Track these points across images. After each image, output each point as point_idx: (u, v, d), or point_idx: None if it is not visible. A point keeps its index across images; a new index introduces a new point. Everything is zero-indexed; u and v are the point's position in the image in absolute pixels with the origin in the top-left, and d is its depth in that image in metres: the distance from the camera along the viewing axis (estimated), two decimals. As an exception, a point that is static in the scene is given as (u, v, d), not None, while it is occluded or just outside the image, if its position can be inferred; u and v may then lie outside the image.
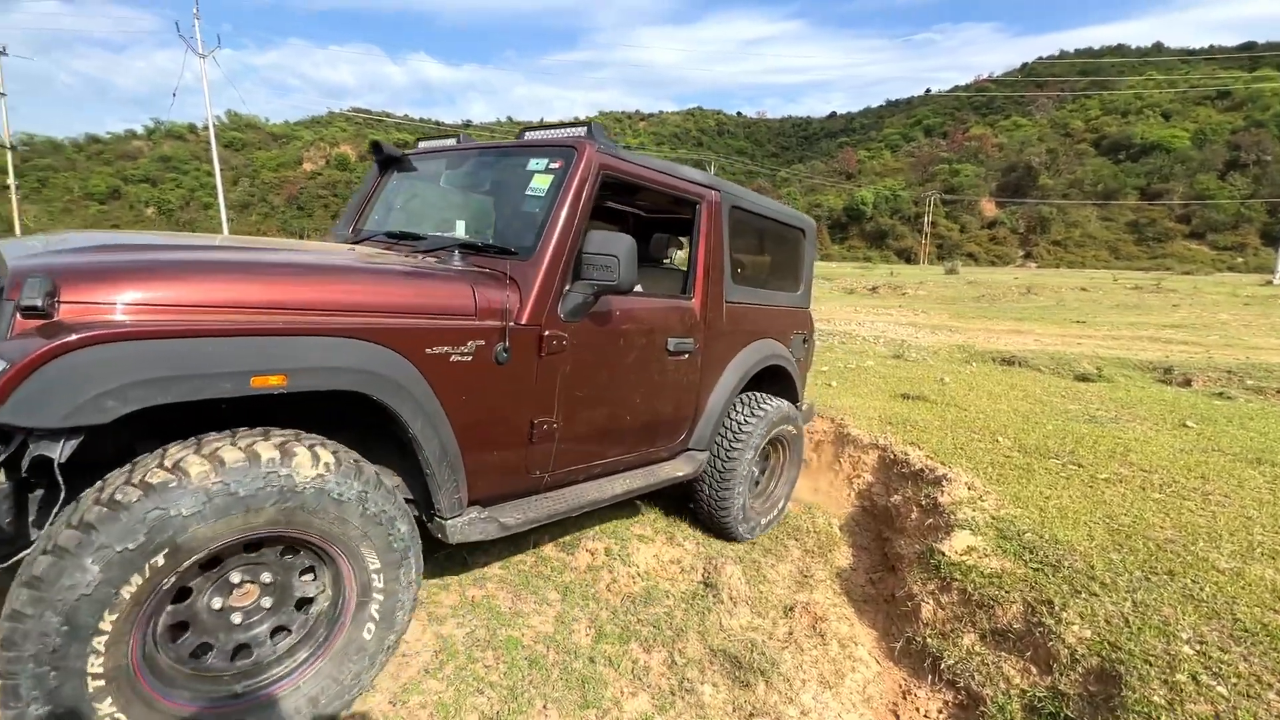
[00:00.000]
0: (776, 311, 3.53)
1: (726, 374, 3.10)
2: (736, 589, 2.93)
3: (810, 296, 3.96)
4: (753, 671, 2.37)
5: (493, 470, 2.13)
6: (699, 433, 3.02)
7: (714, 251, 2.92)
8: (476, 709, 1.90)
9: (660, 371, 2.67)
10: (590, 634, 2.41)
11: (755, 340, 3.31)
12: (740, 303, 3.15)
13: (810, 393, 5.87)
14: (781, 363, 3.50)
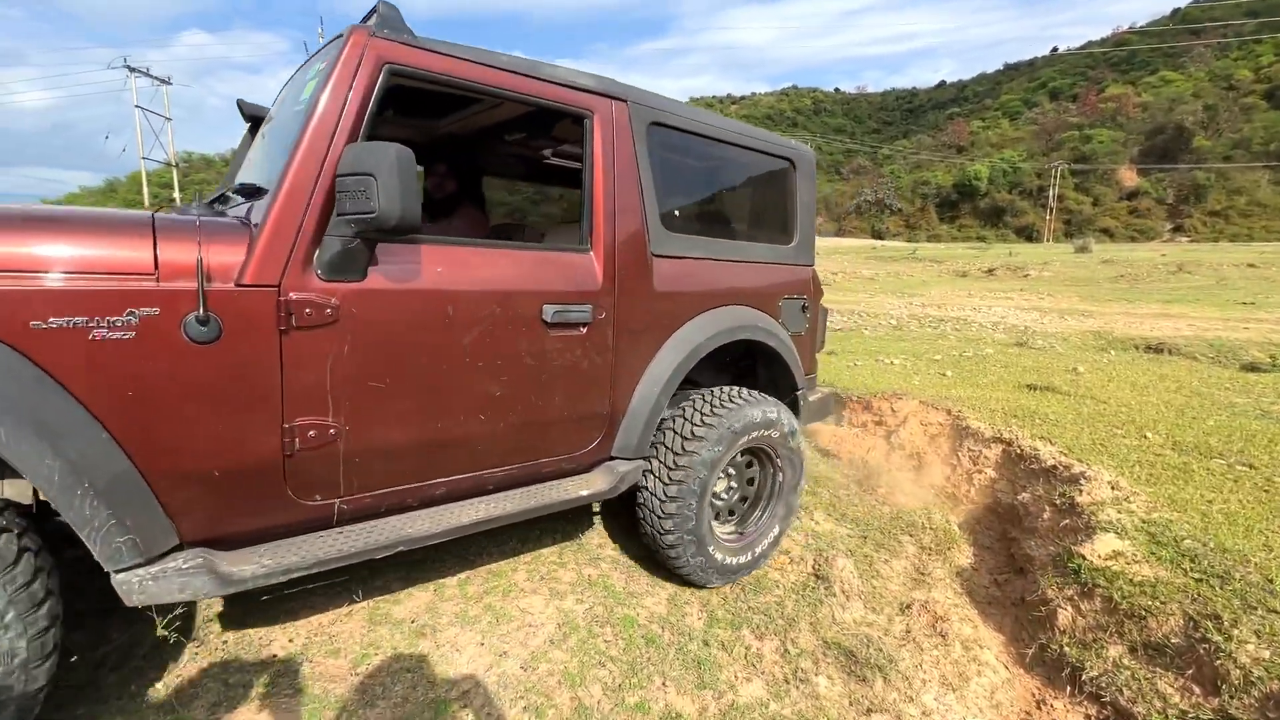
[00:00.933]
0: (753, 269, 2.73)
1: (664, 355, 2.33)
2: (849, 583, 2.86)
3: (812, 251, 3.08)
4: (869, 667, 2.32)
5: (221, 496, 1.52)
6: (624, 436, 2.29)
7: (622, 185, 2.18)
8: (599, 680, 2.00)
9: (535, 352, 1.97)
10: (703, 618, 2.46)
11: (715, 308, 2.53)
12: (684, 257, 2.41)
13: (924, 383, 5.57)
14: (761, 338, 2.67)
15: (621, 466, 2.31)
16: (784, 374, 2.91)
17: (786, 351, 2.82)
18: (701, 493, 2.37)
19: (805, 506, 3.55)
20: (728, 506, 2.72)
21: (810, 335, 3.15)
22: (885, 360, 6.81)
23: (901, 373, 6.18)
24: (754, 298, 2.72)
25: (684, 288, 2.42)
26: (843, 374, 6.11)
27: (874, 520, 3.58)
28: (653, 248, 2.29)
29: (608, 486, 2.22)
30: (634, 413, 2.30)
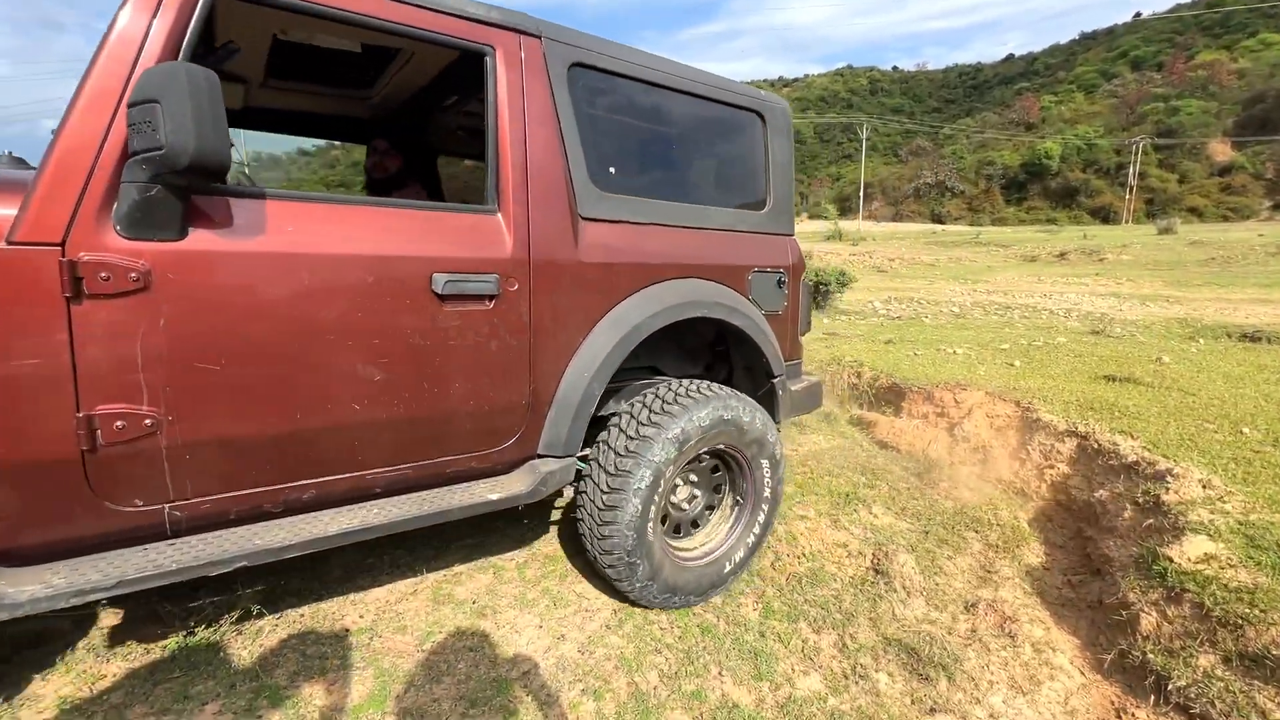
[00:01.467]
0: (714, 239, 2.39)
1: (597, 336, 2.01)
2: (910, 579, 2.78)
3: (791, 218, 2.71)
4: (932, 665, 2.25)
5: (1, 501, 1.28)
6: (551, 431, 1.98)
7: (537, 136, 1.87)
8: (655, 666, 2.01)
9: (424, 331, 1.68)
10: (758, 610, 2.43)
11: (663, 281, 2.19)
12: (623, 221, 2.09)
13: (990, 374, 5.32)
14: (722, 316, 2.29)
15: (546, 466, 1.97)
16: (758, 359, 2.53)
17: (757, 333, 2.43)
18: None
19: (863, 499, 3.46)
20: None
21: (790, 315, 2.73)
22: (947, 349, 6.54)
23: (965, 362, 5.93)
24: (716, 271, 2.37)
25: (623, 257, 2.08)
26: (902, 363, 5.91)
27: (936, 515, 3.46)
28: (581, 210, 1.97)
29: (525, 489, 1.89)
30: (561, 403, 1.97)
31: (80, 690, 1.71)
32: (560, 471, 2.00)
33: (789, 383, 2.73)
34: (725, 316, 2.31)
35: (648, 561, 2.10)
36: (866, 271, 19.96)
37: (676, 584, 2.22)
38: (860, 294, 12.83)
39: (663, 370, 2.56)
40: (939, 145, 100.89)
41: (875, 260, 23.24)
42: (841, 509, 3.34)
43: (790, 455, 4.16)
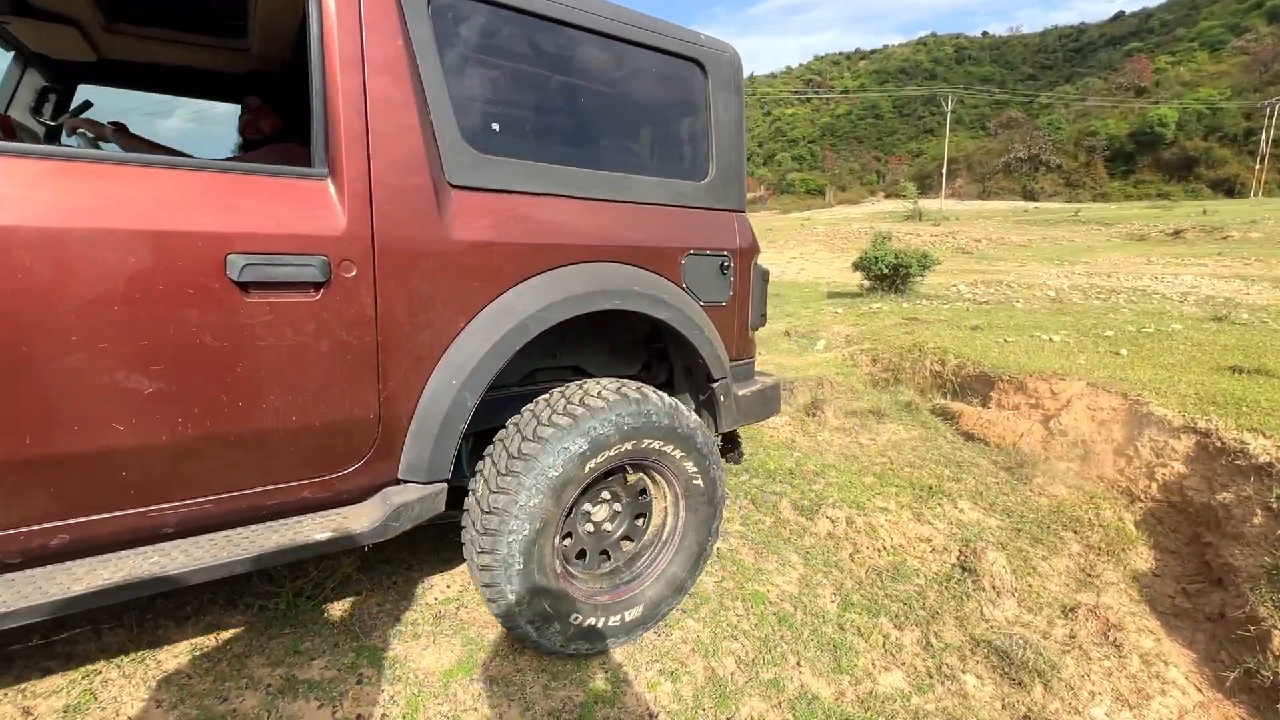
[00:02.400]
0: (636, 213, 2.02)
1: (472, 333, 1.66)
2: (1000, 578, 2.63)
3: (741, 191, 2.33)
4: (1027, 670, 2.13)
5: None
6: (413, 451, 1.64)
7: (383, 81, 1.52)
8: (732, 653, 2.01)
9: (218, 327, 1.36)
10: (836, 601, 2.38)
11: (565, 265, 1.83)
12: (509, 191, 1.73)
13: (1091, 363, 4.93)
14: (644, 309, 1.92)
15: (403, 494, 1.63)
16: (694, 360, 2.16)
17: (690, 328, 2.05)
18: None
19: (947, 493, 3.30)
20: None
21: (738, 307, 2.33)
22: (1041, 336, 6.09)
23: (1062, 350, 5.51)
24: (637, 253, 1.99)
25: (509, 235, 1.71)
26: (990, 351, 5.56)
27: (1029, 512, 3.26)
28: (451, 175, 1.62)
29: (370, 525, 1.54)
30: (424, 418, 1.62)
31: (208, 639, 1.90)
32: (424, 501, 1.64)
33: (736, 386, 2.35)
34: (646, 309, 1.93)
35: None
36: (950, 253, 18.88)
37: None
38: (943, 277, 12.16)
39: (588, 371, 2.25)
40: (1033, 116, 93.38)
41: (959, 241, 21.93)
42: (924, 502, 3.20)
43: (868, 445, 4.02)
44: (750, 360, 2.51)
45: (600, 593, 1.94)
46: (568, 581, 1.84)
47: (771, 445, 3.88)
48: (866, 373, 6.02)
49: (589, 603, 1.87)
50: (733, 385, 2.31)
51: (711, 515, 2.12)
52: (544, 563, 1.73)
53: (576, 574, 1.92)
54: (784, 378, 5.32)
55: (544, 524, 1.70)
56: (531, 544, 1.69)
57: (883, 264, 9.44)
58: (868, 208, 56.99)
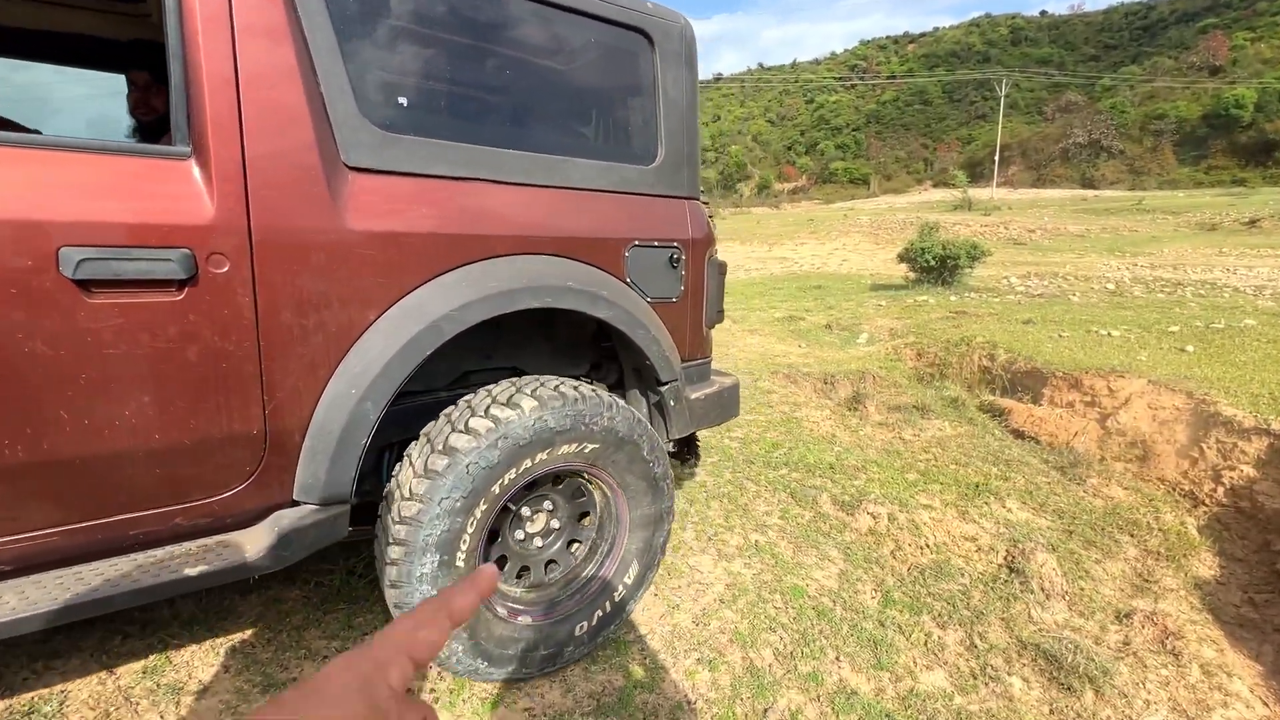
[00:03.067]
0: (572, 200, 1.84)
1: (373, 337, 1.49)
2: (1050, 580, 2.56)
3: (694, 176, 2.14)
4: (1077, 675, 2.07)
5: None
6: (308, 470, 1.47)
7: (258, 45, 1.33)
8: (770, 645, 2.01)
9: (53, 334, 1.19)
10: (877, 598, 2.35)
11: (487, 259, 1.64)
12: (419, 175, 1.55)
13: (1154, 360, 4.69)
14: (581, 306, 1.76)
15: (295, 519, 1.45)
16: (641, 360, 1.98)
17: (633, 326, 1.86)
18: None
19: (995, 491, 3.21)
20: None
21: (691, 302, 2.16)
22: (1099, 331, 5.83)
23: (1122, 346, 5.26)
24: (572, 245, 1.81)
25: (420, 224, 1.53)
26: (1043, 346, 5.36)
27: (1082, 514, 3.14)
28: (348, 155, 1.44)
29: (255, 555, 1.38)
30: (319, 433, 1.44)
31: (269, 611, 2.01)
32: (320, 525, 1.47)
33: (690, 389, 2.19)
34: (582, 307, 1.75)
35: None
36: (1001, 244, 18.18)
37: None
38: (993, 269, 11.73)
39: (527, 372, 2.08)
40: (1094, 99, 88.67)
41: (1011, 231, 21.08)
42: (970, 500, 3.12)
43: (911, 441, 3.94)
44: (706, 360, 2.34)
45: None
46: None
47: (811, 440, 3.84)
48: (910, 367, 5.89)
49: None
50: (685, 388, 2.15)
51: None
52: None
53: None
54: (826, 371, 5.25)
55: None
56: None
57: (929, 255, 9.16)
58: (914, 197, 55.28)
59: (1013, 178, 69.11)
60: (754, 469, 3.33)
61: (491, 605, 1.67)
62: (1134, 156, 69.65)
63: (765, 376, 5.13)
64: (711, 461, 3.40)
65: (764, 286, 11.93)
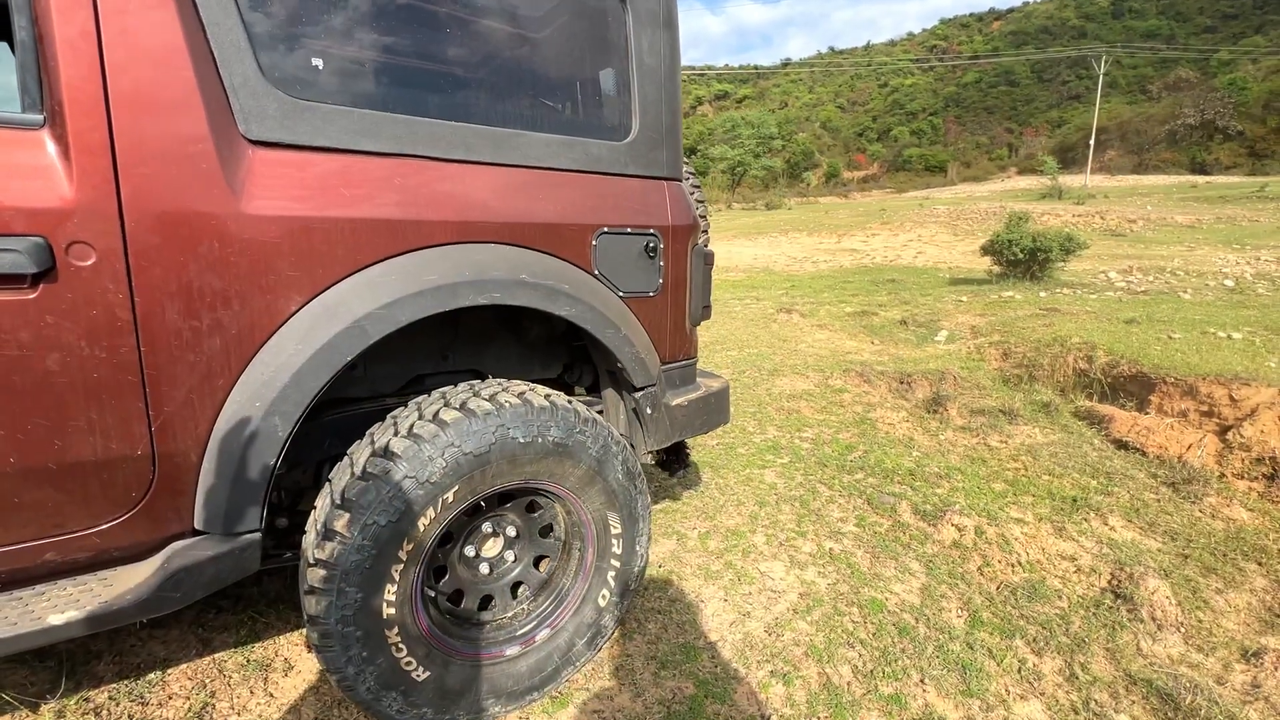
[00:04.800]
0: (528, 181, 1.61)
1: (283, 342, 1.29)
2: (1162, 609, 2.32)
3: (675, 154, 1.92)
4: (1198, 719, 1.85)
5: None
6: (209, 498, 1.28)
7: None
8: (848, 661, 1.91)
9: None
10: (964, 617, 2.20)
11: (423, 249, 1.44)
12: (341, 150, 1.34)
13: (1247, 362, 4.18)
14: (534, 303, 1.55)
15: (191, 553, 1.27)
16: (612, 363, 1.78)
17: (603, 326, 1.67)
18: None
19: (1095, 507, 2.95)
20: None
21: (672, 298, 1.93)
22: (1216, 333, 5.26)
23: (1245, 350, 4.73)
24: (529, 231, 1.59)
25: (337, 208, 1.32)
26: (1150, 347, 4.89)
27: (1199, 536, 2.84)
28: (248, 127, 1.24)
29: (137, 598, 1.20)
30: (219, 452, 1.27)
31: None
32: (221, 560, 1.29)
33: (672, 394, 1.98)
34: (539, 303, 1.54)
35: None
36: (1097, 235, 16.81)
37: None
38: (1089, 263, 10.85)
39: (489, 376, 1.88)
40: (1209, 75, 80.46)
41: (1108, 221, 19.46)
42: (1067, 515, 2.88)
43: (998, 448, 3.68)
44: (690, 361, 2.11)
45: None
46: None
47: (887, 442, 3.65)
48: (995, 368, 5.52)
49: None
50: (664, 393, 1.94)
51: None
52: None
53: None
54: (902, 370, 4.99)
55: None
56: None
57: (1018, 247, 8.56)
58: (995, 185, 52.09)
59: (1109, 163, 63.85)
60: (826, 472, 3.19)
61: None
62: (1255, 138, 62.84)
63: (836, 374, 4.93)
64: (782, 463, 3.29)
65: (833, 279, 11.52)
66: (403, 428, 1.37)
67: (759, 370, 5.10)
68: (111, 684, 1.63)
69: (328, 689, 1.67)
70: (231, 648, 1.78)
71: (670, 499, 2.91)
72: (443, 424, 1.36)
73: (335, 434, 1.61)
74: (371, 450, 1.35)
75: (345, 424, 1.63)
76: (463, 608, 1.62)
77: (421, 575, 1.44)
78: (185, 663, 1.71)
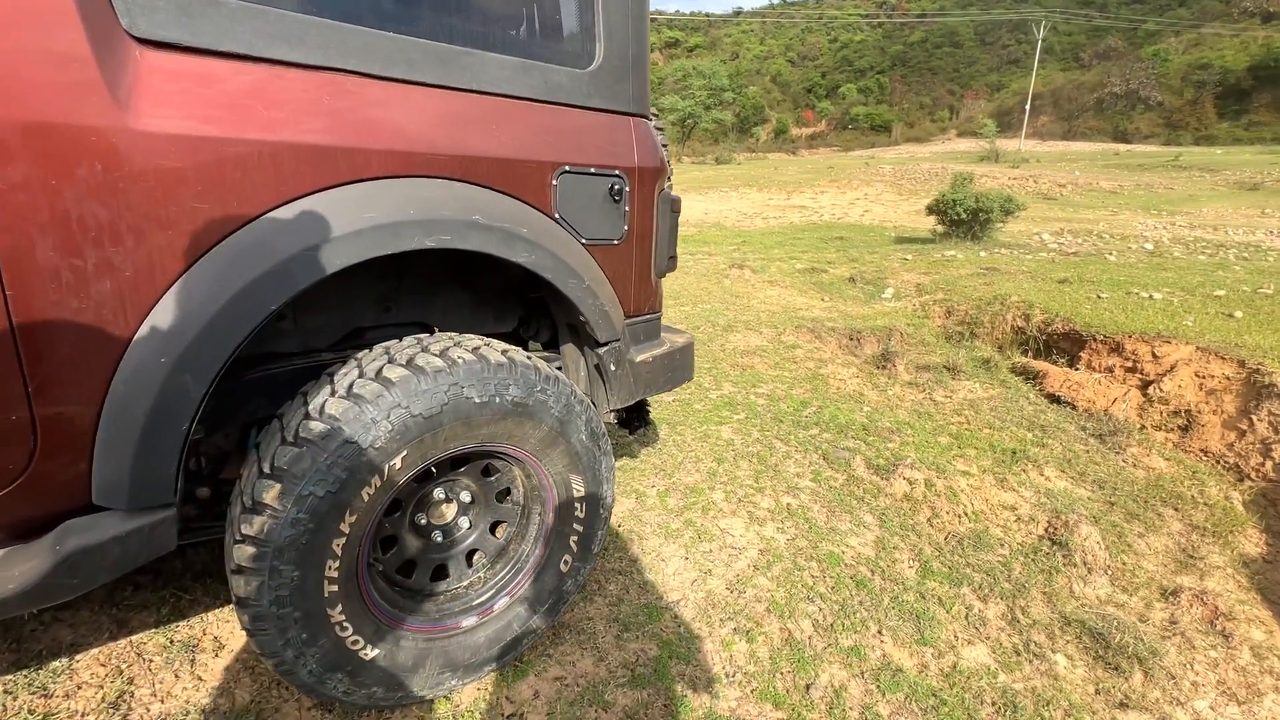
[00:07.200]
0: (479, 108, 1.42)
1: (189, 287, 1.10)
2: (1093, 554, 2.45)
3: (642, 87, 1.73)
4: (1125, 655, 1.98)
5: None
6: (110, 464, 1.10)
7: None
8: (809, 615, 1.93)
9: None
10: (915, 567, 2.25)
11: (352, 182, 1.23)
12: (262, 59, 1.14)
13: (1201, 325, 4.47)
14: (486, 247, 1.37)
15: (91, 531, 1.09)
16: (574, 316, 1.63)
17: (565, 276, 1.52)
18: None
19: (1033, 459, 3.08)
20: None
21: (638, 246, 1.78)
22: (1140, 293, 5.57)
23: (1165, 310, 5.02)
24: (482, 167, 1.40)
25: (254, 128, 1.12)
26: (1081, 307, 5.12)
27: (1123, 484, 3.02)
28: (133, 23, 1.03)
29: (21, 585, 1.03)
30: (118, 415, 1.08)
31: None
32: (129, 538, 1.11)
33: (636, 349, 1.86)
34: (492, 248, 1.37)
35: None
36: (1031, 199, 17.50)
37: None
38: (1024, 224, 11.28)
39: (435, 329, 1.72)
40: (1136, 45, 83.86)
41: (1041, 185, 20.27)
42: (1008, 467, 3.00)
43: (943, 403, 3.79)
44: (655, 315, 1.96)
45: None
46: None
47: (839, 397, 3.70)
48: (939, 325, 5.67)
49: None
50: (628, 349, 1.81)
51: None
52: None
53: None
54: (851, 327, 5.06)
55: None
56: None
57: (961, 208, 8.77)
58: (937, 146, 53.30)
59: (1042, 129, 66.31)
60: (782, 428, 3.20)
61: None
62: (1172, 109, 66.45)
63: (789, 331, 4.95)
64: (738, 419, 3.27)
65: (784, 236, 11.55)
66: (341, 387, 1.21)
67: (713, 326, 5.06)
68: (6, 675, 1.45)
69: (264, 669, 1.54)
70: (152, 628, 1.61)
71: (628, 456, 2.85)
72: (387, 382, 1.21)
73: (263, 394, 1.43)
74: (305, 412, 1.18)
75: (274, 382, 1.44)
76: (414, 579, 1.51)
77: (368, 547, 1.32)
78: (97, 647, 1.54)
